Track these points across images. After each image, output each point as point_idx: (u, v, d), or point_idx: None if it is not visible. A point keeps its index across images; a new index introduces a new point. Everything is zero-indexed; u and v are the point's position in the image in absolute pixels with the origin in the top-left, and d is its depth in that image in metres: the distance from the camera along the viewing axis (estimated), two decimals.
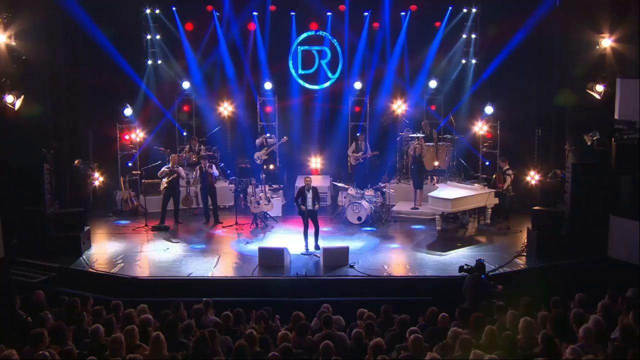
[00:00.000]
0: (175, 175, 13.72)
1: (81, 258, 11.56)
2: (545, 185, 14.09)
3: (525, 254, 11.72)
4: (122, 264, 11.28)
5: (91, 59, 14.77)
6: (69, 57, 14.31)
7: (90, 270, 11.05)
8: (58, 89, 13.67)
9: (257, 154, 15.88)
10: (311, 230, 12.10)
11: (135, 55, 15.49)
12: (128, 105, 15.10)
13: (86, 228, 12.36)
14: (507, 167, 13.91)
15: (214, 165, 14.34)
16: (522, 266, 11.18)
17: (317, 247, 12.04)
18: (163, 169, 13.93)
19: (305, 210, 11.92)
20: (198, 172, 14.22)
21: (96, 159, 15.13)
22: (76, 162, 14.06)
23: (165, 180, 13.74)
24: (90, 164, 14.67)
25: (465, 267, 9.04)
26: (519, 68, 14.87)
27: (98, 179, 14.86)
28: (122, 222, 14.21)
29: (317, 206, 11.99)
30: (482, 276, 8.97)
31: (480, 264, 9.03)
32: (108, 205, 15.05)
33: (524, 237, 12.46)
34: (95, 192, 14.94)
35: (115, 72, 14.78)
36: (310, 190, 11.98)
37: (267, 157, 15.80)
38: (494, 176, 14.09)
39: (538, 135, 14.91)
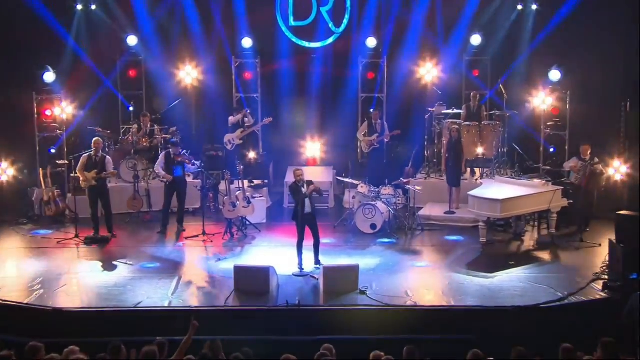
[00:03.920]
0: (108, 173, 13.37)
1: None
2: (635, 181, 14.08)
3: (606, 276, 11.62)
4: (42, 291, 11.22)
5: None
6: None
7: None
8: None
9: (228, 137, 15.89)
10: (308, 243, 12.08)
11: None
12: (49, 68, 15.06)
13: None
14: (590, 157, 13.74)
15: (193, 159, 14.20)
16: (602, 294, 11.12)
17: (317, 263, 12.06)
18: (82, 158, 13.54)
19: (302, 213, 11.90)
20: (163, 160, 13.92)
21: (3, 143, 15.02)
22: None
23: (91, 175, 13.28)
24: None
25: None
26: (599, 16, 14.84)
27: (6, 171, 14.75)
28: (42, 232, 14.19)
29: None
30: None
31: None
32: (21, 209, 15.01)
33: (604, 254, 12.36)
34: (2, 190, 14.83)
35: (31, 21, 14.74)
36: (305, 186, 11.97)
37: (241, 141, 15.80)
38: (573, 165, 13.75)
39: (625, 110, 14.87)
